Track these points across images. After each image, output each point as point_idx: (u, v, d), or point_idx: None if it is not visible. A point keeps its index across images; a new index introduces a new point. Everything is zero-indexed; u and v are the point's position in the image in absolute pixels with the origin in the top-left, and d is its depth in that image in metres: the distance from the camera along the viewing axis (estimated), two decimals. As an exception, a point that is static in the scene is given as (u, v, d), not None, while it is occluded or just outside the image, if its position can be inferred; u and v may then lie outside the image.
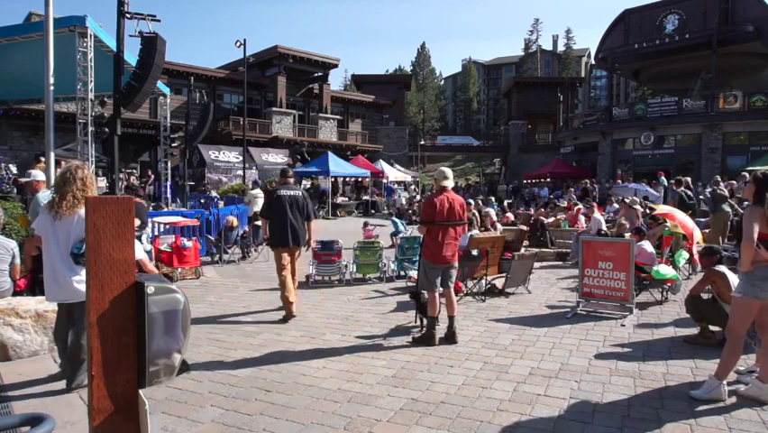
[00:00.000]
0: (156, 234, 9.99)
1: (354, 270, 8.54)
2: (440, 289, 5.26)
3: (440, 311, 5.29)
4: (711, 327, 5.06)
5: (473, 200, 14.31)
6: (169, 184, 18.40)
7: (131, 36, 10.41)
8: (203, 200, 18.69)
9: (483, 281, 7.38)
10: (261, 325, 5.93)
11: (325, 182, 25.19)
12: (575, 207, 13.24)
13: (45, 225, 3.75)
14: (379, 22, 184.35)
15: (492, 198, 20.27)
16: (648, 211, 10.97)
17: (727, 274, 4.85)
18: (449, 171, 5.56)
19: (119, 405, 1.60)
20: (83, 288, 2.59)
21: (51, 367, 4.25)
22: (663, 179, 17.84)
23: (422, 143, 51.30)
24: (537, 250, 10.75)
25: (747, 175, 11.98)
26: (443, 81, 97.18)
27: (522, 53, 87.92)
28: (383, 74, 66.16)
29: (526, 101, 42.61)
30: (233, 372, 4.36)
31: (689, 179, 13.90)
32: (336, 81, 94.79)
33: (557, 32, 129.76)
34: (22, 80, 13.61)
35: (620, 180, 21.63)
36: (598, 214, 11.28)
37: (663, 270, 6.76)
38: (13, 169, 12.98)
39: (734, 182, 13.99)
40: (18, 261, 5.32)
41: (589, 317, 6.14)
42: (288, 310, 6.16)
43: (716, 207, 10.65)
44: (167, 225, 10.27)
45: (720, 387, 3.67)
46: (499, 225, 10.83)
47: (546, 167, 32.10)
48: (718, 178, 13.17)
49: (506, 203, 19.96)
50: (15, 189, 11.65)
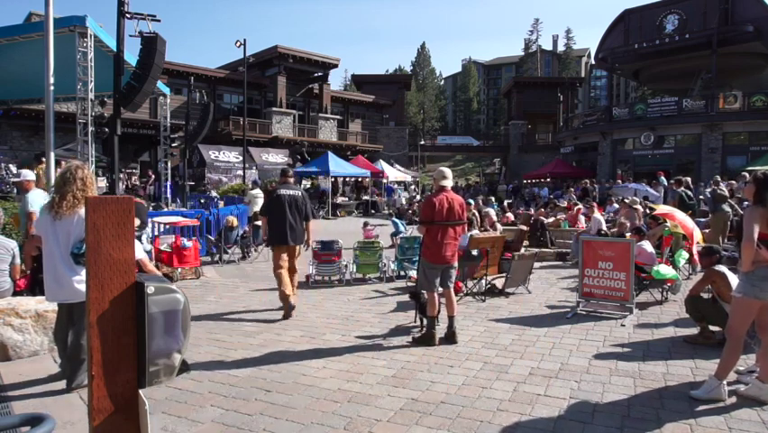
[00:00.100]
0: (156, 234, 9.99)
1: (354, 270, 8.54)
2: (440, 289, 5.26)
3: (440, 311, 5.29)
4: (711, 326, 5.06)
5: (473, 200, 14.32)
6: (169, 184, 18.39)
7: (131, 36, 10.45)
8: (203, 200, 18.68)
9: (483, 281, 7.38)
10: (261, 325, 5.93)
11: (325, 182, 25.17)
12: (575, 207, 13.25)
13: (45, 225, 3.75)
14: (379, 22, 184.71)
15: (492, 198, 20.24)
16: (648, 211, 10.98)
17: (727, 274, 4.86)
18: (448, 171, 5.54)
19: (119, 405, 1.60)
20: (83, 288, 2.59)
21: (51, 367, 4.25)
22: (663, 180, 17.83)
23: (422, 143, 51.33)
24: (537, 250, 10.75)
25: (747, 175, 11.99)
26: (443, 81, 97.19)
27: (522, 53, 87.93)
28: (383, 74, 66.17)
29: (526, 101, 42.62)
30: (232, 372, 4.36)
31: (689, 179, 13.89)
32: (336, 81, 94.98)
33: (557, 32, 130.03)
34: (22, 80, 13.62)
35: (620, 180, 21.63)
36: (598, 214, 11.29)
37: (663, 270, 6.76)
38: (14, 169, 12.98)
39: (734, 182, 13.98)
40: (18, 261, 5.33)
41: (589, 317, 6.14)
42: (286, 305, 6.15)
43: (716, 207, 10.64)
44: (167, 225, 10.27)
45: (720, 387, 3.68)
46: (499, 226, 10.82)
47: (546, 167, 32.11)
48: (718, 178, 13.20)
49: (506, 203, 19.95)
50: (16, 189, 11.65)
